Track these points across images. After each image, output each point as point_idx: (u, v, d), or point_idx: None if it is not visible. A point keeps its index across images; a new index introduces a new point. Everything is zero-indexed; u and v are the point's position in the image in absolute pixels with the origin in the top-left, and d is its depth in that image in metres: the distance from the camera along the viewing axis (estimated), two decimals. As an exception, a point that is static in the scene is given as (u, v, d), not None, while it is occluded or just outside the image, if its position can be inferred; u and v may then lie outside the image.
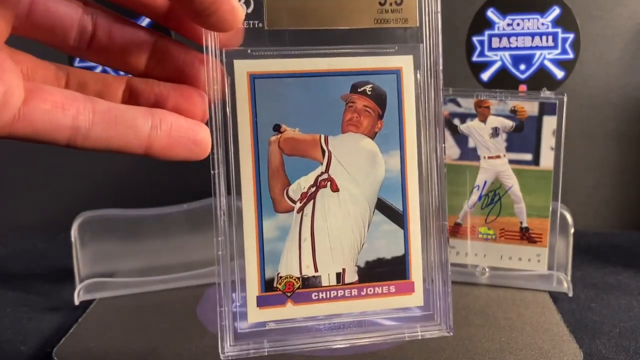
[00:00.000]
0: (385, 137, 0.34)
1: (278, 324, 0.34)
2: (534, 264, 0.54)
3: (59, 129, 0.26)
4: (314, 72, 0.33)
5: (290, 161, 0.33)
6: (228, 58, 0.32)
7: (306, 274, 0.34)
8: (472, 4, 0.57)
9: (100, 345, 0.44)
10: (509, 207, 0.54)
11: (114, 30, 0.29)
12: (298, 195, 0.34)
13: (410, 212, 0.35)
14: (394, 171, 0.34)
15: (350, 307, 0.35)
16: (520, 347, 0.43)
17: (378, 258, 0.35)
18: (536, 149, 0.53)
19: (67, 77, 0.29)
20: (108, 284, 0.54)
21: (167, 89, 0.29)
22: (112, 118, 0.27)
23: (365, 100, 0.34)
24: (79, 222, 0.53)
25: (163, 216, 0.56)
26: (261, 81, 0.33)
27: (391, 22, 0.33)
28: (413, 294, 0.35)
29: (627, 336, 0.45)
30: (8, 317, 0.51)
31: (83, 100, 0.26)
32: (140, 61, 0.30)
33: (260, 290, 0.33)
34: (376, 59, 0.34)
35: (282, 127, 0.33)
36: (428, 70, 0.34)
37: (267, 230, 0.33)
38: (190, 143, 0.29)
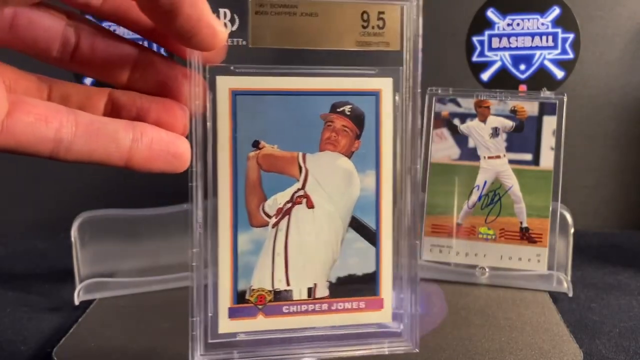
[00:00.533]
0: (361, 157, 0.35)
1: (248, 335, 0.35)
2: (534, 264, 0.54)
3: (42, 141, 0.26)
4: (294, 90, 0.34)
5: (268, 177, 0.34)
6: (211, 74, 0.32)
7: (278, 288, 0.35)
8: (472, 4, 0.57)
9: (100, 345, 0.44)
10: (509, 207, 0.54)
11: (97, 43, 0.29)
12: (274, 210, 0.34)
13: (383, 230, 0.36)
14: (369, 190, 0.35)
15: (320, 321, 0.35)
16: (520, 347, 0.43)
17: (349, 274, 0.35)
18: (536, 149, 0.53)
19: (49, 90, 0.29)
20: (108, 284, 0.54)
21: (149, 102, 0.30)
22: (95, 131, 0.27)
23: (343, 120, 0.35)
24: (79, 222, 0.53)
25: (163, 216, 0.56)
26: (242, 98, 0.33)
27: (373, 45, 0.34)
28: (382, 310, 0.36)
29: (627, 336, 0.45)
30: (8, 317, 0.51)
31: (66, 112, 0.26)
32: (123, 73, 0.30)
33: (232, 302, 0.34)
34: (356, 81, 0.35)
35: (261, 143, 0.34)
36: (407, 92, 0.35)
37: (242, 243, 0.34)
38: (170, 156, 0.29)
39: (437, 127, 0.56)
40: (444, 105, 0.56)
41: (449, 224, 0.56)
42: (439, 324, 0.46)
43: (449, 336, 0.44)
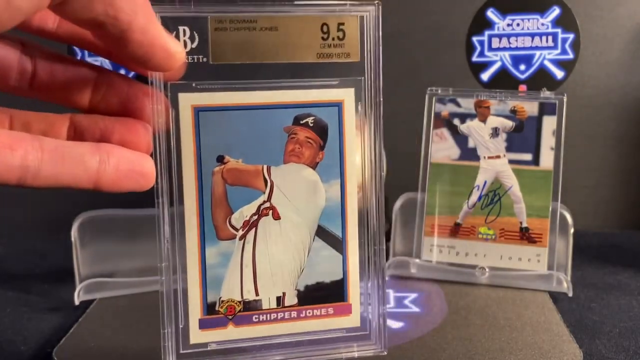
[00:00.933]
0: (326, 168, 0.36)
1: (219, 345, 0.35)
2: (533, 264, 0.54)
3: (9, 169, 0.25)
4: (257, 104, 0.34)
5: (233, 190, 0.35)
6: (173, 91, 0.33)
7: (247, 298, 0.35)
8: (472, 4, 0.57)
9: (100, 345, 0.45)
10: (508, 207, 0.55)
11: (55, 68, 0.29)
12: (240, 223, 0.35)
13: (349, 238, 0.36)
14: (334, 199, 0.36)
15: (290, 328, 0.36)
16: (520, 347, 0.43)
17: (317, 282, 0.36)
18: (536, 149, 0.53)
19: (10, 119, 0.29)
20: (108, 284, 0.54)
21: (112, 123, 0.30)
22: (60, 155, 0.27)
23: (307, 132, 0.35)
24: (79, 222, 0.53)
25: (163, 216, 0.56)
26: (205, 114, 0.34)
27: (334, 56, 0.34)
28: (350, 315, 0.37)
29: (627, 336, 0.45)
30: (8, 317, 0.51)
31: (30, 139, 0.26)
32: (84, 96, 0.30)
33: (202, 314, 0.35)
34: (318, 92, 0.35)
35: (226, 158, 0.34)
36: (369, 101, 0.35)
37: (210, 256, 0.35)
38: (137, 175, 0.29)
39: (437, 127, 0.56)
40: (444, 105, 0.56)
41: (448, 224, 0.56)
42: (439, 324, 0.46)
43: (449, 336, 0.44)
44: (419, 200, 0.56)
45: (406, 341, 0.44)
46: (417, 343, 0.43)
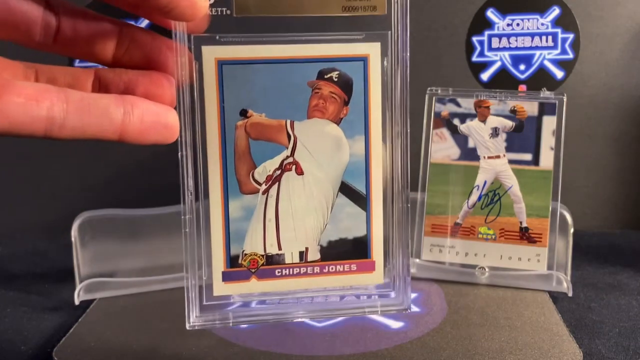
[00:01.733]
0: (350, 123, 0.35)
1: (242, 297, 0.36)
2: (533, 264, 0.54)
3: (35, 121, 0.26)
4: (281, 58, 0.34)
5: (257, 145, 0.35)
6: (196, 44, 0.33)
7: (270, 252, 0.35)
8: (472, 4, 0.57)
9: (100, 345, 0.45)
10: (508, 207, 0.55)
11: (78, 23, 0.29)
12: (263, 177, 0.35)
13: (373, 194, 0.36)
14: (358, 155, 0.35)
15: (312, 284, 0.36)
16: (520, 347, 0.43)
17: (340, 238, 0.36)
18: (536, 149, 0.53)
19: (36, 74, 0.29)
20: (108, 284, 0.54)
21: (136, 76, 0.30)
22: (86, 107, 0.27)
23: (331, 86, 0.35)
24: (79, 222, 0.53)
25: (163, 216, 0.56)
26: (229, 67, 0.33)
27: (359, 9, 0.34)
28: (373, 272, 0.36)
29: (626, 336, 0.45)
30: (8, 317, 0.51)
31: (56, 91, 0.27)
32: (107, 51, 0.30)
33: (225, 266, 0.35)
34: (343, 46, 0.34)
35: (249, 112, 0.34)
36: (395, 57, 0.35)
37: (233, 210, 0.35)
38: (161, 127, 0.30)
39: (437, 127, 0.56)
40: (443, 105, 0.56)
41: (449, 224, 0.56)
42: (439, 324, 0.46)
43: (449, 336, 0.44)
44: (419, 200, 0.56)
45: (406, 341, 0.44)
46: (417, 343, 0.43)
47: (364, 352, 0.42)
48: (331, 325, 0.46)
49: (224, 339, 0.45)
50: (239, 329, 0.46)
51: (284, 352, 0.42)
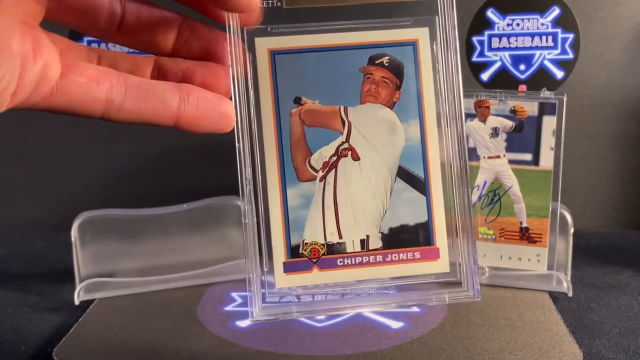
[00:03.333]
0: (404, 107, 0.35)
1: (305, 290, 0.35)
2: (533, 264, 0.54)
3: (94, 101, 0.27)
4: (331, 46, 0.35)
5: (312, 132, 0.35)
6: (249, 36, 0.33)
7: (331, 241, 0.35)
8: (472, 4, 0.57)
9: (100, 345, 0.45)
10: (508, 207, 0.54)
11: (142, 13, 0.30)
12: (320, 164, 0.35)
13: (432, 179, 0.35)
14: (414, 139, 0.35)
15: (376, 273, 0.35)
16: (520, 347, 0.43)
17: (401, 225, 0.35)
18: (536, 149, 0.53)
19: (98, 58, 0.30)
20: (108, 284, 0.54)
21: (194, 66, 0.31)
22: (144, 92, 0.29)
23: (382, 71, 0.35)
24: (79, 222, 0.53)
25: (163, 216, 0.56)
26: (281, 57, 0.34)
27: None
28: (438, 260, 0.35)
29: (626, 336, 0.45)
30: (8, 317, 0.51)
31: (116, 75, 0.28)
32: (167, 42, 0.31)
33: (286, 257, 0.34)
34: (392, 32, 0.35)
35: (303, 99, 0.34)
36: (444, 41, 0.35)
37: (291, 198, 0.34)
38: (216, 115, 0.30)
39: (437, 127, 0.56)
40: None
41: (448, 224, 0.56)
42: (439, 324, 0.46)
43: (449, 336, 0.44)
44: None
45: (406, 341, 0.44)
46: (417, 343, 0.43)
47: (364, 352, 0.42)
48: (331, 325, 0.46)
49: (224, 339, 0.45)
50: (239, 328, 0.46)
51: (284, 352, 0.42)
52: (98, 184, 0.77)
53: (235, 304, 0.51)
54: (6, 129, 0.74)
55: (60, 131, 0.72)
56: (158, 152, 0.76)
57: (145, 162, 0.77)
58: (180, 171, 0.76)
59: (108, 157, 0.76)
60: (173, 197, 0.58)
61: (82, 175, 0.77)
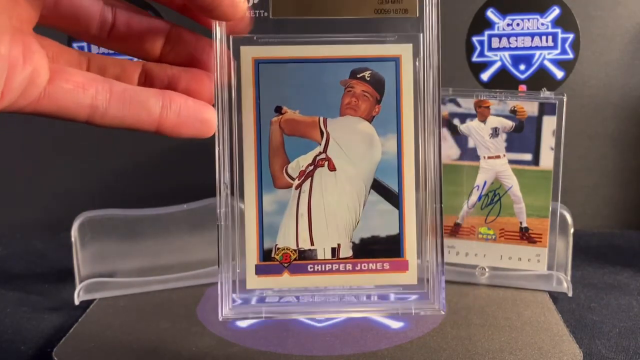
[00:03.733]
0: (382, 121, 0.36)
1: (275, 293, 0.36)
2: (533, 264, 0.54)
3: (80, 107, 0.28)
4: (315, 58, 0.35)
5: (290, 141, 0.35)
6: (235, 44, 0.34)
7: (303, 247, 0.36)
8: (472, 4, 0.57)
9: (100, 345, 0.45)
10: (508, 207, 0.54)
11: (132, 21, 0.31)
12: (297, 173, 0.36)
13: (405, 193, 0.36)
14: (390, 153, 0.36)
15: (345, 281, 0.36)
16: (520, 347, 0.43)
17: (373, 236, 0.36)
18: (536, 149, 0.53)
19: (88, 62, 0.31)
20: (108, 284, 0.54)
21: (179, 72, 0.32)
22: (127, 98, 0.29)
23: (364, 85, 0.35)
24: (79, 222, 0.53)
25: (163, 216, 0.56)
26: (265, 66, 0.35)
27: (391, 12, 0.35)
28: (407, 272, 0.36)
29: (626, 336, 0.45)
30: (8, 317, 0.51)
31: (101, 81, 0.29)
32: (155, 48, 0.32)
33: (258, 259, 0.35)
34: (376, 47, 0.35)
35: (284, 108, 0.35)
36: (427, 59, 0.35)
37: (267, 203, 0.35)
38: (197, 122, 0.31)
39: (437, 127, 0.56)
40: (443, 106, 0.56)
41: (449, 224, 0.56)
42: (439, 324, 0.46)
43: (449, 336, 0.44)
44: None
45: (406, 341, 0.44)
46: (417, 343, 0.43)
47: (364, 352, 0.42)
48: (331, 325, 0.46)
49: (224, 339, 0.45)
50: (239, 329, 0.46)
51: (284, 352, 0.42)
52: (98, 184, 0.77)
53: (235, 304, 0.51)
54: (6, 129, 0.74)
55: (60, 131, 0.72)
56: (158, 152, 0.76)
57: (145, 162, 0.77)
58: (180, 171, 0.76)
59: (108, 157, 0.76)
60: (173, 197, 0.58)
61: (82, 175, 0.77)
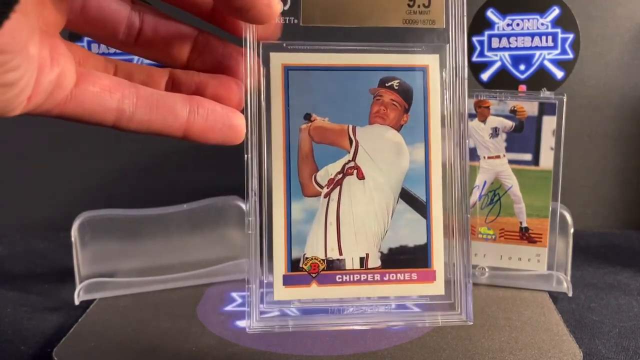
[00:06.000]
0: (410, 130, 0.36)
1: (303, 304, 0.35)
2: (533, 264, 0.54)
3: (106, 110, 0.28)
4: (344, 66, 0.35)
5: (319, 148, 0.35)
6: (264, 50, 0.34)
7: (331, 257, 0.35)
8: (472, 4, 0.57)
9: (100, 345, 0.45)
10: (508, 207, 0.54)
11: (159, 26, 0.31)
12: (325, 181, 0.35)
13: (433, 202, 0.36)
14: (418, 162, 0.36)
15: (373, 292, 0.36)
16: (520, 347, 0.43)
17: (401, 245, 0.36)
18: (536, 149, 0.53)
19: (115, 68, 0.31)
20: (108, 284, 0.54)
21: (207, 78, 0.32)
22: (154, 103, 0.29)
23: (392, 94, 0.35)
24: (79, 222, 0.53)
25: (163, 216, 0.56)
26: (294, 73, 0.35)
27: (419, 22, 0.35)
28: (434, 282, 0.36)
29: (626, 336, 0.45)
30: (8, 317, 0.51)
31: (128, 86, 0.29)
32: (182, 54, 0.32)
33: (286, 270, 0.35)
34: (404, 57, 0.36)
35: (313, 116, 0.35)
36: (453, 69, 0.35)
37: (295, 212, 0.35)
38: (225, 128, 0.31)
39: (437, 127, 0.56)
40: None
41: (448, 224, 0.56)
42: (439, 324, 0.46)
43: (449, 336, 0.44)
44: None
45: (406, 341, 0.44)
46: (417, 343, 0.43)
47: (364, 352, 0.42)
48: (331, 325, 0.46)
49: (224, 339, 0.45)
50: (239, 329, 0.46)
51: (284, 352, 0.42)
52: (98, 184, 0.77)
53: (235, 304, 0.51)
54: (7, 129, 0.74)
55: (61, 131, 0.72)
56: (158, 152, 0.76)
57: (145, 162, 0.77)
58: (180, 171, 0.76)
59: (108, 157, 0.76)
60: (173, 197, 0.58)
61: (82, 175, 0.77)
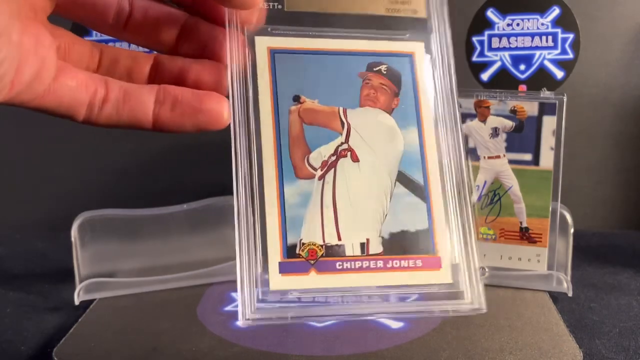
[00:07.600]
0: (402, 114, 0.35)
1: (301, 294, 0.32)
2: (533, 264, 0.54)
3: (80, 105, 0.28)
4: (330, 50, 0.35)
5: (311, 130, 0.34)
6: (249, 35, 0.34)
7: (329, 242, 0.33)
8: (472, 4, 0.57)
9: (100, 345, 0.45)
10: (508, 207, 0.54)
11: (148, 10, 0.31)
12: (319, 163, 0.34)
13: (431, 185, 0.35)
14: (413, 146, 0.35)
15: (376, 280, 0.33)
16: (520, 347, 0.43)
17: (402, 230, 0.34)
18: (536, 149, 0.53)
19: (100, 53, 0.31)
20: (108, 284, 0.54)
21: (190, 63, 0.31)
22: (122, 96, 0.29)
23: (381, 78, 0.35)
24: (79, 222, 0.53)
25: (163, 216, 0.56)
26: (281, 55, 0.34)
27: (401, 11, 0.35)
28: (440, 270, 0.34)
29: (626, 336, 0.45)
30: (8, 317, 0.51)
31: (99, 80, 0.29)
32: (170, 38, 0.32)
33: (282, 256, 0.32)
34: (389, 43, 0.35)
35: (302, 97, 0.34)
36: (439, 56, 0.35)
37: (289, 195, 0.33)
38: (197, 113, 0.30)
39: (437, 127, 0.56)
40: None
41: (448, 224, 0.56)
42: (439, 324, 0.46)
43: (449, 336, 0.44)
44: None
45: (406, 341, 0.44)
46: (417, 343, 0.43)
47: (364, 352, 0.42)
48: (331, 325, 0.46)
49: (224, 339, 0.45)
50: (239, 329, 0.46)
51: (284, 352, 0.42)
52: (98, 184, 0.77)
53: (235, 304, 0.51)
54: (6, 129, 0.74)
55: (61, 131, 0.72)
56: (158, 152, 0.76)
57: (145, 162, 0.77)
58: (180, 171, 0.76)
59: (108, 157, 0.76)
60: (173, 197, 0.58)
61: (82, 175, 0.77)
